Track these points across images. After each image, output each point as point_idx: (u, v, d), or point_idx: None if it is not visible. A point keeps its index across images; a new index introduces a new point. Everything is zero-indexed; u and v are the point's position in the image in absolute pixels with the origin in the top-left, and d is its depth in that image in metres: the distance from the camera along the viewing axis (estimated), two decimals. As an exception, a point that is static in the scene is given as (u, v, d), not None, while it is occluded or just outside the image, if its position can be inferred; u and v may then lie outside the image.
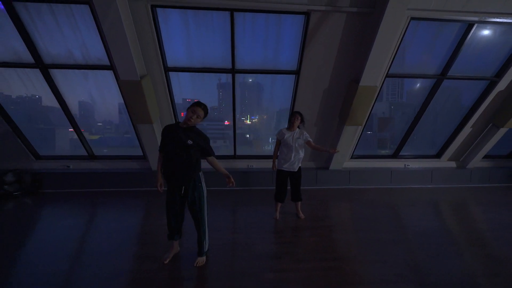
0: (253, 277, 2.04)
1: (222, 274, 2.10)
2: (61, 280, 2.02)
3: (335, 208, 3.91)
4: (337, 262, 2.27)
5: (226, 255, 2.41)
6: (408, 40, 4.06)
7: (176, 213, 2.24)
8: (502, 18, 3.78)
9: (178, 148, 2.09)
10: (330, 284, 1.96)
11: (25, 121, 4.57)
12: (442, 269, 2.19)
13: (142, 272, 2.10)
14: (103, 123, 5.36)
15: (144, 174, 4.83)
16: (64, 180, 4.70)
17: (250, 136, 5.72)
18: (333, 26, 3.72)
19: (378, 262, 2.28)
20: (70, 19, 3.52)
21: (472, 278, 2.08)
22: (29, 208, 3.83)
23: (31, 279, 2.02)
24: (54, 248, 2.51)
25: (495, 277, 2.10)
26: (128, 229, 2.99)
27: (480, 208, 4.00)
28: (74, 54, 3.82)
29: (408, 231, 2.99)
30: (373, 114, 6.24)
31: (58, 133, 5.12)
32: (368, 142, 5.87)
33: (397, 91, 7.32)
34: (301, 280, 2.01)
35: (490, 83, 4.57)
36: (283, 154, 3.24)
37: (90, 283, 1.98)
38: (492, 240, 2.81)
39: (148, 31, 3.61)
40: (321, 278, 2.02)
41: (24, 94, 4.41)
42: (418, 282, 2.00)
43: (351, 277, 2.05)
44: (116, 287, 1.93)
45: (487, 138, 5.08)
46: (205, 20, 3.74)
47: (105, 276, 2.07)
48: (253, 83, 4.91)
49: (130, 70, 3.58)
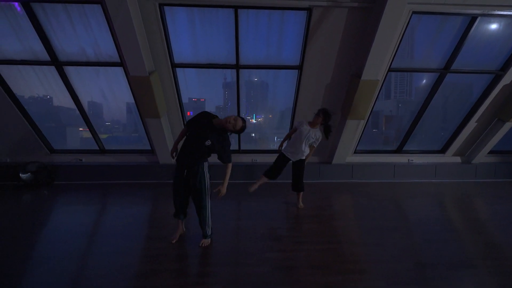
0: (254, 256, 2.17)
1: (225, 252, 2.25)
2: (79, 256, 2.22)
3: (336, 200, 4.00)
4: (335, 244, 2.38)
5: (230, 237, 2.55)
6: (412, 34, 4.11)
7: (179, 192, 2.35)
8: (505, 10, 3.77)
9: (197, 139, 2.23)
10: (326, 262, 2.08)
11: (38, 120, 4.85)
12: (437, 252, 2.27)
13: (151, 249, 2.26)
14: (112, 122, 5.58)
15: (152, 167, 5.02)
16: (77, 173, 4.94)
17: (255, 135, 5.84)
18: (334, 21, 3.80)
19: (374, 245, 2.37)
20: (83, 18, 3.73)
21: (468, 260, 2.15)
22: (45, 197, 4.06)
23: (53, 254, 2.22)
24: (71, 231, 2.71)
25: (491, 260, 2.15)
26: (138, 215, 3.18)
27: (482, 200, 4.01)
28: (87, 52, 4.03)
29: (407, 220, 3.06)
30: (380, 112, 6.27)
31: (68, 131, 5.39)
32: (374, 139, 5.91)
33: (405, 89, 7.29)
34: (298, 258, 2.13)
35: (495, 77, 4.54)
36: (291, 142, 3.42)
37: (104, 258, 2.16)
38: (491, 229, 2.85)
39: (156, 29, 3.77)
40: (317, 257, 2.14)
41: (36, 94, 4.68)
42: (412, 262, 2.08)
43: (347, 257, 2.16)
44: (128, 262, 2.09)
45: (492, 133, 5.05)
46: (210, 17, 3.89)
47: (119, 251, 2.24)
48: (258, 82, 5.02)
49: (139, 67, 3.76)
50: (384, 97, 7.17)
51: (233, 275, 1.91)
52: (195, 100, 5.62)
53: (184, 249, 2.28)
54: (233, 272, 1.97)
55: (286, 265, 2.04)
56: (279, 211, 3.36)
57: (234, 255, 2.20)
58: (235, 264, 2.08)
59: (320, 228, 2.78)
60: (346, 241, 2.46)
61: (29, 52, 3.98)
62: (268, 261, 2.11)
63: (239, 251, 2.27)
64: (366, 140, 5.11)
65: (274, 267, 2.02)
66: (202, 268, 2.02)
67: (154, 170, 5.02)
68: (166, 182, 4.93)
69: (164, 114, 4.46)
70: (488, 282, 1.87)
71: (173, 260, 2.11)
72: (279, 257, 2.16)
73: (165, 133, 4.63)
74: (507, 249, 2.35)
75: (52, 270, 1.96)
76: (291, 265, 2.03)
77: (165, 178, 5.01)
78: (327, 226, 2.85)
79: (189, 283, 1.82)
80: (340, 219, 3.06)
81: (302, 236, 2.58)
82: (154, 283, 1.81)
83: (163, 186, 4.63)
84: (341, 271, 1.95)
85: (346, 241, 2.48)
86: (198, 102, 5.74)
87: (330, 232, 2.68)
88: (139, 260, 2.13)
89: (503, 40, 4.24)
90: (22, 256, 2.14)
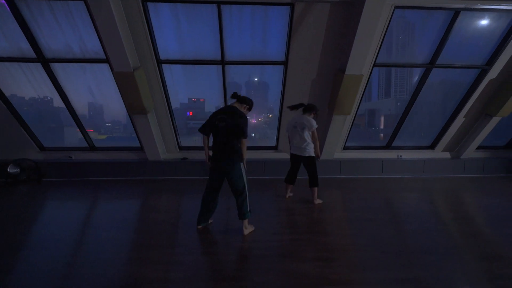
0: (225, 245, 2.20)
1: (196, 241, 2.27)
2: (70, 245, 2.28)
3: (321, 194, 4.00)
4: (309, 235, 2.39)
5: (205, 229, 2.56)
6: (399, 29, 4.12)
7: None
8: (487, 4, 3.78)
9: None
10: (296, 251, 2.10)
11: (37, 120, 4.97)
12: (406, 241, 2.31)
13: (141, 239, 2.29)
14: (112, 123, 5.63)
15: (141, 164, 5.05)
16: (67, 170, 4.97)
17: (256, 135, 5.85)
18: (317, 16, 3.82)
19: (347, 235, 2.39)
20: (68, 15, 3.76)
21: (436, 248, 2.17)
22: (33, 194, 4.09)
23: (44, 244, 2.27)
24: (60, 222, 2.77)
25: (458, 249, 2.17)
26: (127, 208, 3.21)
27: (467, 194, 4.03)
28: (73, 48, 4.07)
29: (386, 212, 3.08)
30: (377, 110, 6.29)
31: (67, 131, 5.44)
32: (371, 137, 5.93)
33: (405, 88, 7.29)
34: (270, 248, 2.15)
35: (481, 71, 4.55)
36: (292, 139, 3.51)
37: (95, 247, 2.21)
38: (469, 220, 2.86)
39: (140, 25, 3.80)
40: (288, 247, 2.16)
41: (37, 95, 4.75)
42: (379, 250, 2.10)
43: (318, 246, 2.18)
44: (118, 251, 2.14)
45: (480, 128, 5.06)
46: (194, 13, 3.92)
47: (110, 241, 2.31)
48: (258, 82, 5.04)
49: (123, 62, 3.78)
50: (384, 96, 7.10)
51: (199, 263, 1.94)
52: (194, 100, 5.65)
53: (162, 239, 2.31)
54: (199, 260, 2.00)
55: (256, 254, 2.06)
56: (265, 204, 3.38)
57: (205, 245, 2.23)
58: (203, 253, 2.11)
59: (298, 220, 2.80)
60: (320, 232, 2.48)
61: (16, 49, 4.02)
62: (238, 250, 2.13)
63: (211, 241, 2.30)
64: (363, 137, 5.14)
65: (242, 255, 2.04)
66: (171, 257, 2.03)
67: (143, 167, 5.06)
68: (155, 178, 4.97)
69: (151, 110, 4.49)
70: (450, 269, 1.88)
71: (149, 249, 2.13)
72: (250, 246, 2.18)
73: (153, 130, 4.66)
74: (479, 239, 2.36)
75: (39, 268, 1.99)
76: (261, 254, 2.04)
77: (153, 175, 5.04)
78: (306, 218, 2.87)
79: (159, 269, 1.84)
80: (321, 212, 3.08)
81: (279, 227, 2.59)
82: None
83: (152, 182, 4.69)
84: (309, 259, 1.97)
85: (321, 231, 2.49)
86: (198, 102, 5.77)
87: (308, 224, 2.69)
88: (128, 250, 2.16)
89: (488, 34, 4.26)
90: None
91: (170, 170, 5.06)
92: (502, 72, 4.49)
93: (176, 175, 5.03)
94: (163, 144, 5.12)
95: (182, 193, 4.04)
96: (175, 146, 5.22)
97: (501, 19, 4.09)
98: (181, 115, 5.58)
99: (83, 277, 1.77)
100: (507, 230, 2.55)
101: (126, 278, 1.75)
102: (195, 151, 5.29)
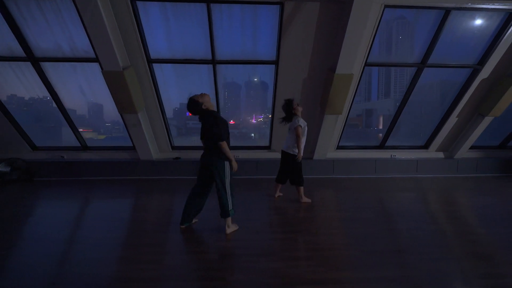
0: (205, 245, 2.19)
1: (178, 241, 2.26)
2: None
3: (311, 193, 3.98)
4: (291, 234, 2.38)
5: (188, 229, 2.55)
6: (398, 28, 4.13)
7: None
8: (477, 4, 3.77)
9: None
10: (275, 250, 2.09)
11: (37, 119, 5.02)
12: (390, 240, 2.28)
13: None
14: (112, 123, 5.63)
15: (133, 164, 5.05)
16: (59, 169, 4.97)
17: (255, 135, 5.83)
18: (307, 15, 3.81)
19: (330, 235, 2.38)
20: (57, 13, 3.76)
21: (417, 247, 2.15)
22: (23, 193, 4.09)
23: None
24: (45, 220, 2.75)
25: (439, 248, 2.15)
26: (114, 207, 3.20)
27: (458, 194, 4.01)
28: (63, 47, 4.06)
29: (374, 211, 3.06)
30: (376, 110, 6.26)
31: (65, 131, 5.43)
32: (369, 137, 5.94)
33: (405, 89, 7.31)
34: (249, 247, 2.13)
35: (473, 71, 4.53)
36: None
37: (71, 246, 2.20)
38: (460, 219, 2.84)
39: (129, 25, 3.80)
40: (268, 246, 2.15)
41: (37, 95, 4.75)
42: (360, 250, 2.08)
43: (298, 245, 2.17)
44: (94, 250, 2.14)
45: (473, 128, 5.03)
46: (184, 12, 3.91)
47: (88, 240, 2.31)
48: (258, 82, 5.02)
49: (112, 61, 3.78)
50: (383, 96, 7.17)
51: (174, 263, 1.93)
52: None
53: (142, 238, 2.30)
54: (174, 259, 1.99)
55: (234, 253, 2.05)
56: (253, 203, 3.37)
57: (185, 244, 2.22)
58: (181, 252, 2.10)
59: (283, 219, 2.79)
60: (303, 231, 2.46)
61: (5, 48, 4.02)
62: (216, 249, 2.12)
63: (191, 240, 2.30)
64: (362, 137, 5.14)
65: (220, 255, 2.03)
66: (147, 256, 2.02)
67: (135, 166, 5.05)
68: (147, 178, 4.96)
69: (141, 110, 4.48)
70: (431, 268, 1.86)
71: (127, 248, 2.12)
72: (230, 245, 2.17)
73: (144, 129, 4.65)
74: (467, 238, 2.33)
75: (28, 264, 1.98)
76: (239, 253, 2.03)
77: (146, 174, 5.04)
78: (291, 217, 2.86)
79: (134, 269, 1.83)
80: (307, 211, 3.06)
81: (263, 226, 2.58)
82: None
83: (143, 182, 4.67)
84: (286, 258, 1.96)
85: (304, 230, 2.48)
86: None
87: (292, 223, 2.68)
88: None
89: (479, 34, 4.24)
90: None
91: (162, 169, 5.05)
92: (494, 72, 4.47)
93: (168, 175, 5.02)
94: (156, 144, 5.11)
95: (172, 193, 4.03)
96: (168, 146, 5.21)
97: (492, 18, 4.07)
98: (180, 115, 5.60)
99: (53, 276, 1.76)
100: (497, 229, 2.53)
101: (97, 277, 1.73)
102: (188, 151, 5.28)
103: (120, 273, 1.78)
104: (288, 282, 1.65)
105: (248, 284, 1.64)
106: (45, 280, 1.70)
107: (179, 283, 1.66)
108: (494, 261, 1.96)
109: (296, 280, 1.67)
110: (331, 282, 1.64)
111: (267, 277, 1.71)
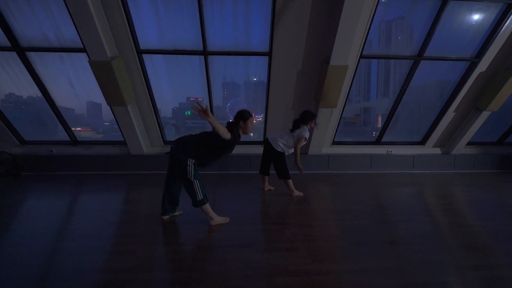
0: (186, 237, 2.08)
1: (158, 233, 2.16)
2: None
3: (304, 187, 3.89)
4: (278, 225, 2.27)
5: (171, 221, 2.45)
6: (390, 20, 4.05)
7: None
8: (474, -7, 3.68)
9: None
10: (258, 241, 1.99)
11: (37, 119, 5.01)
12: (378, 232, 2.18)
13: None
14: (111, 122, 5.52)
15: (124, 158, 4.94)
16: (47, 164, 4.85)
17: (254, 135, 5.72)
18: (300, 5, 3.71)
19: (319, 226, 2.27)
20: (42, 2, 3.65)
21: (405, 238, 2.06)
22: (9, 187, 3.97)
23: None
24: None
25: (439, 239, 2.05)
26: (99, 200, 3.08)
27: (453, 189, 3.92)
28: (50, 37, 3.95)
29: (366, 204, 2.95)
30: (373, 109, 6.18)
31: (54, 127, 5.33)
32: (367, 136, 5.87)
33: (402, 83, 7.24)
34: (232, 238, 2.03)
35: (471, 64, 4.45)
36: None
37: (50, 238, 2.09)
38: (453, 212, 2.74)
39: (117, 14, 3.69)
40: (252, 237, 2.05)
41: (35, 94, 4.63)
42: (348, 241, 1.98)
43: (284, 237, 2.06)
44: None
45: (470, 123, 4.94)
46: (174, 2, 3.81)
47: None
48: (258, 82, 4.92)
49: (99, 51, 3.67)
50: (382, 96, 7.09)
51: (153, 253, 1.82)
52: (193, 99, 5.55)
53: (122, 229, 2.20)
54: (154, 249, 1.89)
55: (217, 244, 1.94)
56: (243, 197, 3.26)
57: (165, 235, 2.12)
58: (161, 243, 2.00)
59: (272, 211, 2.69)
60: (291, 223, 2.36)
61: (-10, 38, 3.90)
62: (198, 240, 2.02)
63: (172, 231, 2.19)
64: (359, 135, 5.07)
65: (201, 246, 1.92)
66: (124, 247, 1.91)
67: (126, 161, 4.94)
68: (138, 173, 4.86)
69: (131, 102, 4.37)
70: (417, 259, 1.76)
71: (105, 239, 2.02)
72: (213, 237, 2.06)
73: (134, 122, 4.54)
74: (459, 230, 2.23)
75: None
76: (222, 244, 1.92)
77: (137, 169, 4.93)
78: (280, 209, 2.75)
79: (114, 259, 1.72)
80: (297, 204, 2.96)
81: (249, 218, 2.47)
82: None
83: (133, 176, 4.57)
84: (270, 249, 1.85)
85: (292, 222, 2.37)
86: (196, 102, 5.65)
87: (280, 215, 2.58)
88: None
89: (477, 26, 4.15)
90: None
91: (153, 164, 4.94)
92: (492, 65, 4.38)
93: (159, 169, 4.91)
94: (147, 138, 5.00)
95: (161, 187, 3.91)
96: (160, 140, 5.10)
97: (490, 9, 3.98)
98: (180, 115, 5.55)
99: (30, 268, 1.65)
100: (492, 222, 2.43)
101: (71, 268, 1.63)
102: (180, 146, 5.16)
103: (92, 264, 1.67)
104: (272, 273, 1.55)
105: (227, 274, 1.53)
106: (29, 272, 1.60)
107: (152, 274, 1.56)
108: (487, 252, 1.87)
109: (278, 271, 1.56)
110: (314, 273, 1.53)
111: (248, 268, 1.60)
